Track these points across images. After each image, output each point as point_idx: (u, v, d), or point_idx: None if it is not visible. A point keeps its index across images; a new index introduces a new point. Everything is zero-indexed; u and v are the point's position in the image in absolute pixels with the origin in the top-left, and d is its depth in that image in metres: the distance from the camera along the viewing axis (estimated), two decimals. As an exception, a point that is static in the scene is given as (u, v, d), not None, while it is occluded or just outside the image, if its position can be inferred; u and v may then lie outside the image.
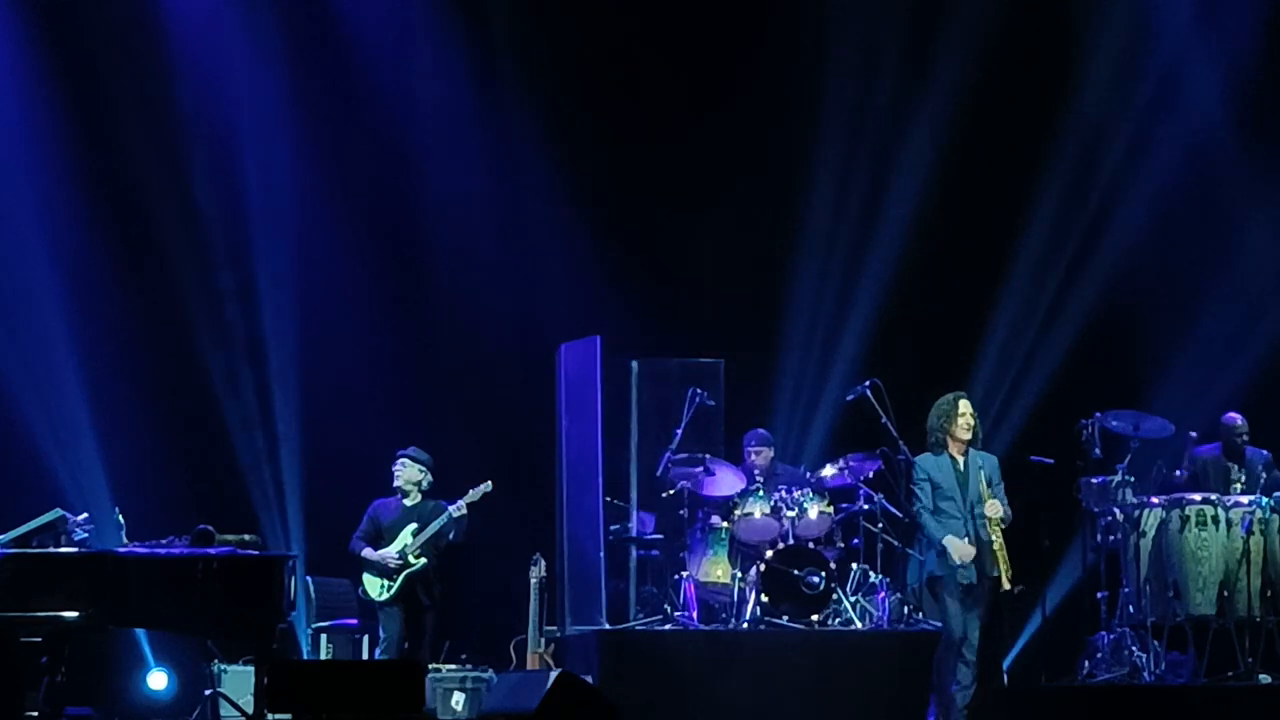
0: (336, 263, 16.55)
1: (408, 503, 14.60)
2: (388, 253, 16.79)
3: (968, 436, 13.38)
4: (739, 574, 15.05)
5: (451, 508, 14.47)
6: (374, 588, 14.42)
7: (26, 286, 16.11)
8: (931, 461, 13.45)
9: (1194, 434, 15.05)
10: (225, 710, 13.87)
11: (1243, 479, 14.72)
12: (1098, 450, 14.75)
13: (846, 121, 17.01)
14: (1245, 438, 14.92)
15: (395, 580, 14.36)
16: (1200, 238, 16.85)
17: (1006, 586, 13.45)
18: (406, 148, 16.75)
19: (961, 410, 13.38)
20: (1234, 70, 16.85)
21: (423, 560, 14.39)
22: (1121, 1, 17.03)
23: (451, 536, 14.56)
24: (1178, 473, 14.95)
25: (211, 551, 12.40)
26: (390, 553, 14.39)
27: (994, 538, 13.36)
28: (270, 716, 11.96)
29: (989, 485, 13.42)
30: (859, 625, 14.79)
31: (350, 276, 16.60)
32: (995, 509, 13.32)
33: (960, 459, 13.37)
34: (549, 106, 16.83)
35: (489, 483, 14.58)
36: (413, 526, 14.44)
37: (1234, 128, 16.84)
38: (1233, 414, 14.98)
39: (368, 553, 14.41)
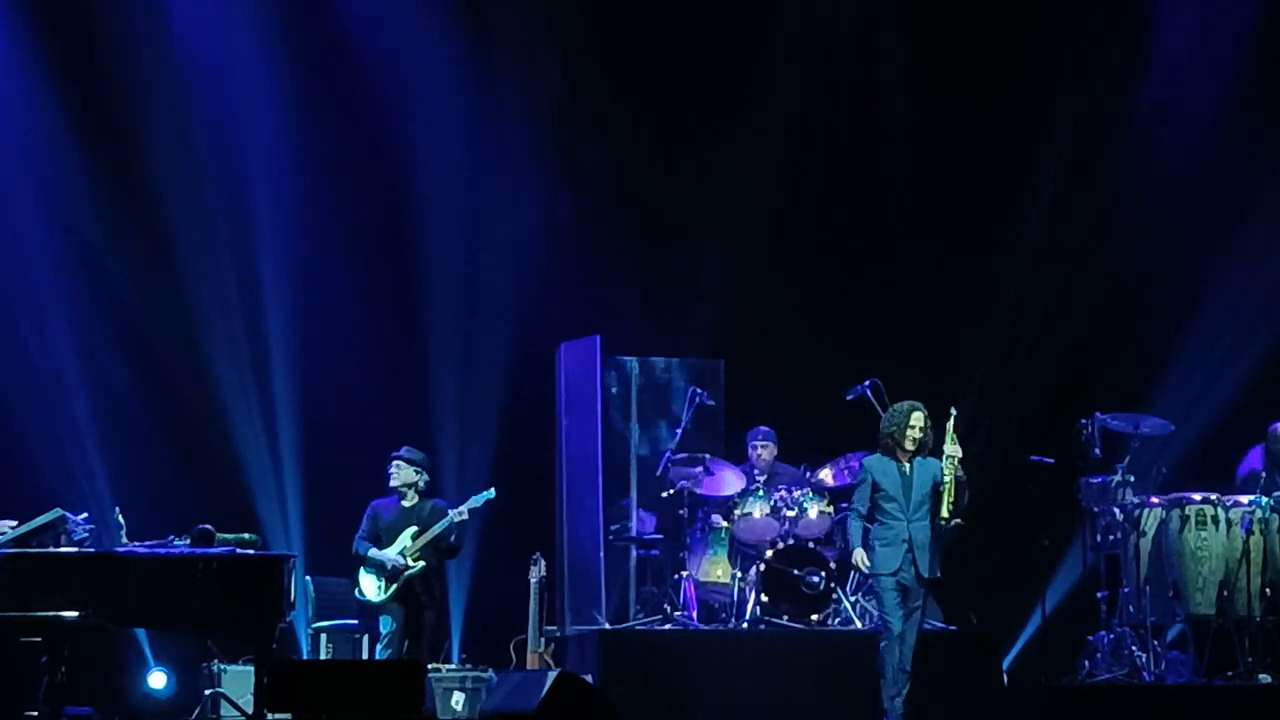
0: (336, 262, 16.53)
1: (406, 504, 14.57)
2: (388, 253, 16.78)
3: (912, 448, 13.32)
4: (739, 574, 15.07)
5: (454, 511, 14.44)
6: (371, 589, 14.39)
7: (28, 285, 16.11)
8: (878, 463, 13.38)
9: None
10: (225, 710, 13.88)
11: None
12: (1098, 450, 14.74)
13: (846, 119, 17.02)
14: None
15: (393, 582, 14.34)
16: (1201, 237, 16.84)
17: (944, 515, 13.34)
18: (406, 148, 16.74)
19: (913, 422, 13.32)
20: (1236, 69, 16.85)
21: (421, 563, 14.36)
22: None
23: (452, 539, 14.54)
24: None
25: (211, 551, 12.39)
26: (394, 555, 14.34)
27: (947, 476, 13.21)
28: (270, 716, 11.95)
29: (936, 485, 13.30)
30: (859, 625, 14.81)
31: (350, 276, 16.58)
32: (957, 450, 13.23)
33: (907, 464, 13.37)
34: (550, 106, 16.82)
35: (492, 489, 14.55)
36: (412, 529, 14.41)
37: (1235, 128, 16.83)
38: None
39: (374, 553, 14.38)
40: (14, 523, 12.58)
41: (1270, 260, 16.62)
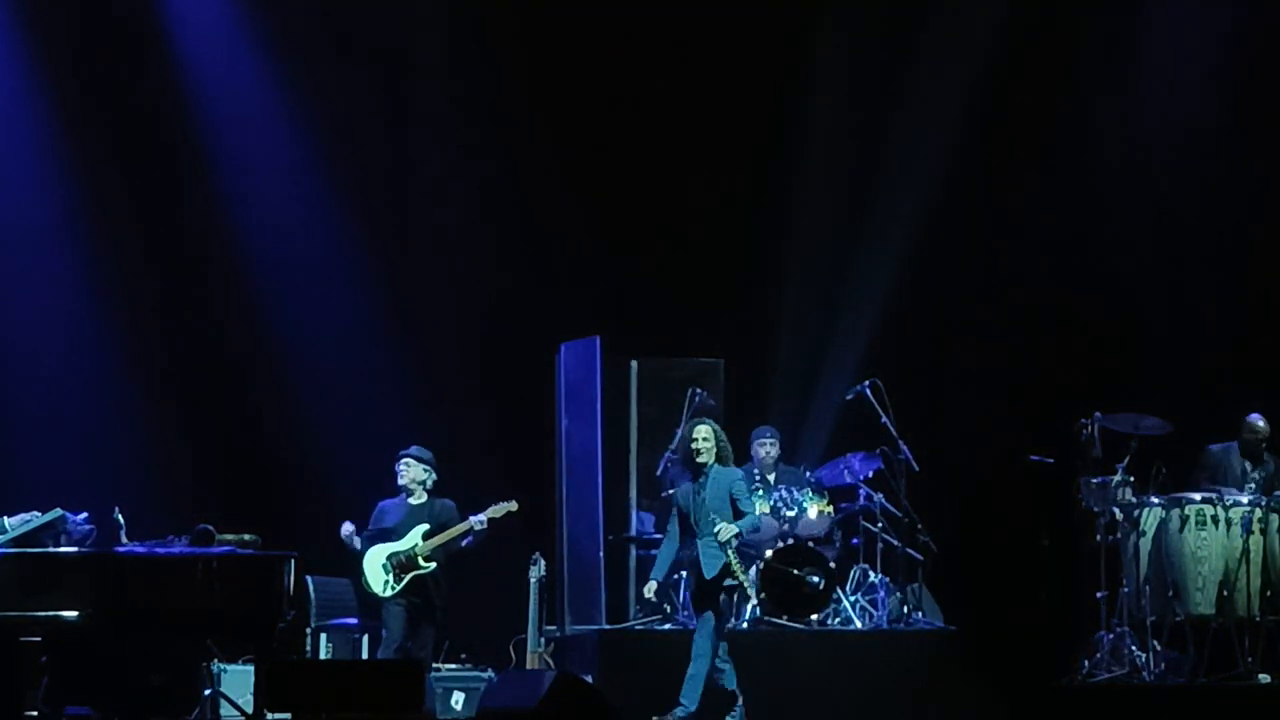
0: (336, 262, 16.55)
1: (414, 502, 14.54)
2: (388, 251, 16.79)
3: (705, 460, 13.56)
4: (739, 574, 15.05)
5: (474, 519, 14.34)
6: (378, 582, 14.34)
7: (27, 284, 16.11)
8: (686, 486, 13.71)
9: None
10: (225, 710, 13.87)
11: (1257, 478, 14.61)
12: (1098, 450, 14.73)
13: (847, 119, 17.02)
14: (1265, 442, 14.78)
15: (402, 578, 14.32)
16: (1202, 235, 16.84)
17: (750, 594, 13.81)
18: (405, 146, 16.74)
19: (694, 436, 13.64)
20: (1235, 67, 16.84)
21: (432, 564, 14.33)
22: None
23: (464, 544, 14.51)
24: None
25: (211, 551, 12.38)
26: (405, 547, 14.31)
27: (728, 556, 13.44)
28: (270, 716, 11.95)
29: (732, 500, 13.54)
30: (859, 625, 14.80)
31: (350, 276, 16.60)
32: (725, 532, 13.44)
33: (698, 480, 13.57)
34: (550, 104, 16.82)
35: (514, 502, 14.47)
36: (423, 527, 14.37)
37: (1235, 125, 16.82)
38: (1256, 415, 14.83)
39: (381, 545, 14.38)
40: (38, 512, 12.59)
41: (1272, 257, 16.62)
